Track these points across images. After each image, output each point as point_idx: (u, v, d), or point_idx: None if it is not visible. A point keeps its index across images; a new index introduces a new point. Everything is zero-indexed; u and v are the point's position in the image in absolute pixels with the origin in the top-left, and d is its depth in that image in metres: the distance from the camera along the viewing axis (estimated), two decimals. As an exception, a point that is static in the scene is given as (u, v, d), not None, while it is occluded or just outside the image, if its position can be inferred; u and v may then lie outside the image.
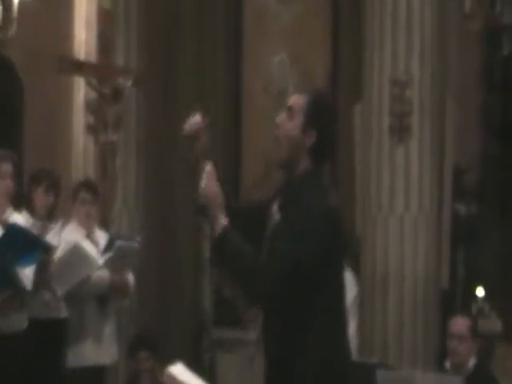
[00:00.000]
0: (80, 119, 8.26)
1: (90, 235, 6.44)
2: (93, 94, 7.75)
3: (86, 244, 6.30)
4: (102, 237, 6.50)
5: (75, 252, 6.09)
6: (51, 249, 5.87)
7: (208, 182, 3.62)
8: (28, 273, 5.66)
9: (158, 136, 8.97)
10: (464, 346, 5.68)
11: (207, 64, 9.64)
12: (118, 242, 6.34)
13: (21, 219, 6.00)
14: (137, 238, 6.61)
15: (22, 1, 7.88)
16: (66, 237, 6.29)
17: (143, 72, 8.22)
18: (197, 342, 8.48)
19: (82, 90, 8.14)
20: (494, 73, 9.32)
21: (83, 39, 8.39)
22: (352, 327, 5.61)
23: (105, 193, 6.95)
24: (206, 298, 8.25)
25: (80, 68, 7.81)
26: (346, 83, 9.15)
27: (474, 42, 9.11)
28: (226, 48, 9.78)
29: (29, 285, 5.66)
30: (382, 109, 7.73)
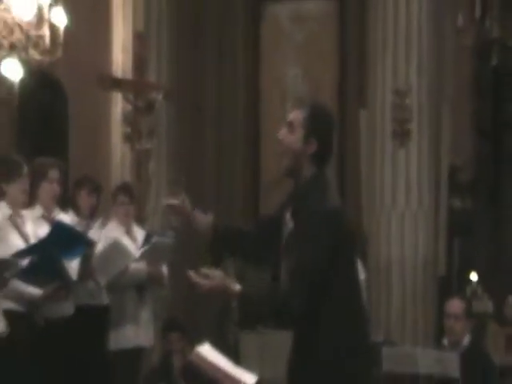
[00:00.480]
0: (118, 130, 8.30)
1: (129, 232, 6.40)
2: (129, 107, 7.80)
3: (125, 240, 6.26)
4: (140, 233, 6.45)
5: (114, 247, 6.05)
6: (93, 244, 5.82)
7: (204, 283, 3.49)
8: (73, 265, 5.65)
9: (186, 143, 8.99)
10: (459, 324, 5.65)
11: (229, 78, 9.68)
12: (153, 238, 6.28)
13: (67, 218, 5.99)
14: (170, 234, 6.54)
15: (67, 27, 7.89)
16: (107, 234, 6.27)
17: (173, 87, 8.28)
18: (221, 324, 8.43)
19: (119, 103, 8.18)
20: (485, 82, 9.28)
21: (120, 59, 8.44)
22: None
23: (140, 194, 6.95)
24: None
25: (117, 84, 7.89)
26: (352, 93, 9.16)
27: (467, 54, 9.10)
28: (246, 63, 9.81)
29: (74, 276, 5.65)
30: (385, 116, 7.73)
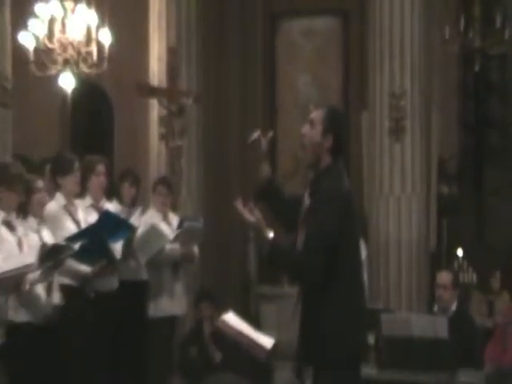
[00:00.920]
0: (154, 130, 8.22)
1: (166, 218, 6.40)
2: (163, 111, 7.75)
3: (161, 225, 6.26)
4: (175, 219, 6.45)
5: (152, 231, 6.07)
6: (134, 229, 5.86)
7: (247, 216, 3.59)
8: (118, 247, 5.65)
9: (213, 141, 8.92)
10: (448, 293, 5.62)
11: (249, 85, 9.58)
12: (186, 223, 6.29)
13: (112, 207, 6.01)
14: (200, 219, 6.54)
15: (111, 44, 7.99)
16: (146, 219, 6.26)
17: (201, 93, 8.22)
18: (245, 295, 8.40)
19: (155, 108, 8.10)
20: (468, 86, 9.24)
21: (156, 70, 8.35)
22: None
23: (173, 185, 6.97)
24: (252, 262, 8.16)
25: (154, 92, 7.82)
26: (355, 96, 9.08)
27: (453, 62, 9.00)
28: (264, 71, 9.70)
29: (119, 255, 5.66)
30: (383, 115, 7.63)
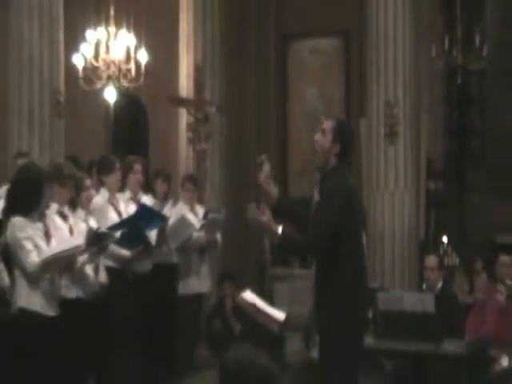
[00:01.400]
0: (183, 135, 8.17)
1: (193, 210, 6.44)
2: (191, 119, 7.73)
3: (189, 216, 6.31)
4: (201, 211, 6.49)
5: (182, 221, 6.11)
6: (166, 219, 5.89)
7: (257, 219, 3.66)
8: (153, 234, 5.69)
9: (234, 144, 8.90)
10: (434, 274, 5.60)
11: (264, 96, 9.58)
12: (210, 214, 6.35)
13: (147, 200, 6.03)
14: (222, 211, 6.59)
15: (147, 62, 8.04)
16: (176, 211, 6.28)
17: (223, 103, 8.21)
18: (260, 276, 8.31)
19: (184, 116, 8.05)
20: (452, 97, 9.22)
21: (185, 84, 8.31)
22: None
23: (199, 182, 6.99)
24: (267, 248, 7.99)
25: (183, 102, 7.85)
26: (355, 105, 9.06)
27: (439, 76, 8.96)
28: (277, 85, 9.71)
29: (153, 242, 5.69)
30: (379, 122, 7.57)
